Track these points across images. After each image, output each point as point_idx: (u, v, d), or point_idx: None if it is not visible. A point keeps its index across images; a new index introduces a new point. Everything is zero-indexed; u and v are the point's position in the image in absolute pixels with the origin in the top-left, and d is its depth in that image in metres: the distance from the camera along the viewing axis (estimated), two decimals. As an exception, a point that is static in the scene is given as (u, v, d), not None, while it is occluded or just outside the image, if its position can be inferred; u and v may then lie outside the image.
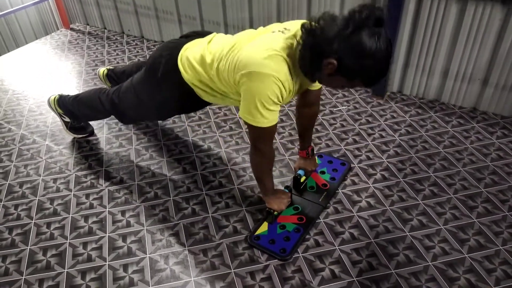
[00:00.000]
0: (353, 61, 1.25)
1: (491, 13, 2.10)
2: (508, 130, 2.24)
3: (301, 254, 1.61)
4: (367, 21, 1.21)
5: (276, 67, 1.35)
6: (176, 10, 3.13)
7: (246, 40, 1.49)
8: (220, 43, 1.59)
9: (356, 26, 1.21)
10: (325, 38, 1.26)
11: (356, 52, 1.23)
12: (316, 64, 1.32)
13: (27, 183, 2.01)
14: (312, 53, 1.31)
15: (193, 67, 1.60)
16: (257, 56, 1.36)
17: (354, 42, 1.22)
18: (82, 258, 1.63)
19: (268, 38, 1.43)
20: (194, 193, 1.91)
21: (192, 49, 1.64)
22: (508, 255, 1.58)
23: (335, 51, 1.25)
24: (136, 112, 1.94)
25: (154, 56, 1.73)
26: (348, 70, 1.28)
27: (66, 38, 3.53)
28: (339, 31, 1.24)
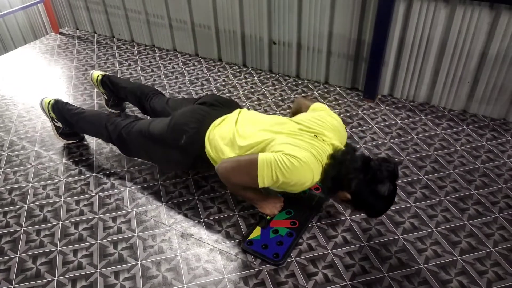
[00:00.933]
0: (365, 201, 1.50)
1: (479, 17, 2.12)
2: (498, 132, 2.26)
3: (294, 259, 1.61)
4: (385, 178, 1.44)
5: (317, 172, 1.54)
6: (166, 14, 3.12)
7: (287, 136, 1.59)
8: (250, 129, 1.68)
9: (374, 179, 1.45)
10: (345, 176, 1.49)
11: (369, 196, 1.47)
12: (333, 192, 1.57)
13: (16, 189, 1.98)
14: (332, 183, 1.54)
15: (220, 149, 1.67)
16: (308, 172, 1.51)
17: (370, 190, 1.46)
18: (73, 266, 1.61)
19: (313, 146, 1.55)
20: (186, 198, 1.90)
21: (220, 129, 1.73)
22: (499, 257, 1.59)
23: (352, 189, 1.48)
24: (143, 155, 1.99)
25: (180, 121, 1.78)
26: (358, 204, 1.53)
27: (56, 43, 3.50)
28: (359, 175, 1.46)
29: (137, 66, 3.07)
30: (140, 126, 1.89)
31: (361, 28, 2.46)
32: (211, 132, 1.73)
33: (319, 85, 2.78)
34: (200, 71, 2.99)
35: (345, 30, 2.50)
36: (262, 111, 2.51)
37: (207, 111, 1.82)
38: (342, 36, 2.53)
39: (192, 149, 1.75)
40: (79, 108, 2.14)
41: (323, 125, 1.63)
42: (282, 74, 2.91)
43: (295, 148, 1.51)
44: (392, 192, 1.47)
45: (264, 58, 2.90)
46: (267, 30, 2.76)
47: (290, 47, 2.75)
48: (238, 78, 2.89)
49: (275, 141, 1.56)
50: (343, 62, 2.64)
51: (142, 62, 3.13)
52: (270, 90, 2.73)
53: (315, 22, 2.57)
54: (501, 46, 2.14)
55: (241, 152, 1.62)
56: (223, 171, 1.59)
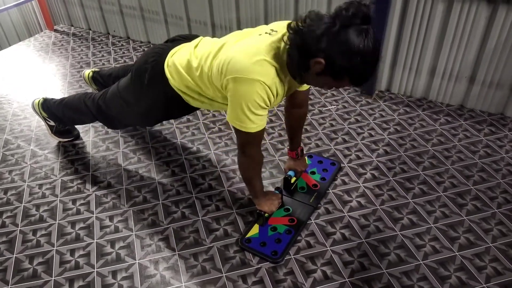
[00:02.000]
0: (340, 59, 1.23)
1: (477, 11, 2.11)
2: (495, 127, 2.26)
3: (292, 256, 1.60)
4: (354, 18, 1.19)
5: (263, 72, 1.34)
6: (162, 10, 3.10)
7: (232, 43, 1.47)
8: (206, 47, 1.56)
9: (343, 23, 1.19)
10: (312, 37, 1.24)
11: (343, 50, 1.21)
12: (303, 64, 1.30)
13: (12, 189, 1.96)
14: (299, 53, 1.29)
15: (179, 73, 1.57)
16: (243, 61, 1.35)
17: (342, 40, 1.20)
18: (70, 266, 1.59)
19: (255, 41, 1.41)
20: (183, 196, 1.89)
21: (178, 54, 1.62)
22: (498, 252, 1.59)
23: (323, 49, 1.23)
24: (122, 118, 1.90)
25: (140, 62, 1.70)
26: (335, 69, 1.26)
27: (50, 40, 3.47)
28: (326, 29, 1.21)
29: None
30: (111, 89, 1.85)
31: (358, 23, 2.44)
32: (169, 59, 1.61)
33: (316, 81, 2.76)
34: (197, 67, 2.96)
35: (342, 26, 2.49)
36: (259, 107, 2.50)
37: (167, 45, 1.69)
38: (339, 31, 2.52)
39: (156, 83, 1.63)
40: (61, 98, 2.11)
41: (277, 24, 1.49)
42: (279, 70, 2.89)
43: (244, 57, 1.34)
44: (371, 40, 1.21)
45: (261, 54, 2.88)
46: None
47: (287, 43, 2.74)
48: (234, 74, 2.86)
49: (226, 44, 1.46)
50: (340, 57, 2.62)
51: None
52: (267, 86, 2.71)
53: (311, 18, 2.55)
54: (498, 40, 2.13)
55: (195, 71, 1.52)
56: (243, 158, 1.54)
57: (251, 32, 1.52)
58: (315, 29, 1.24)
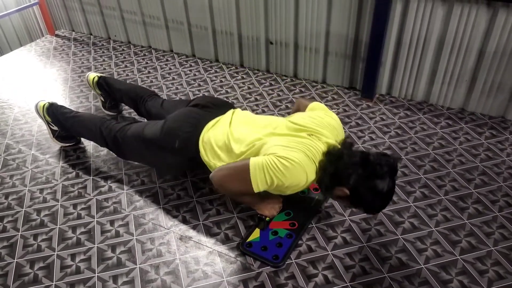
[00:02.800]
0: (363, 197, 1.45)
1: (477, 15, 2.11)
2: (496, 130, 2.26)
3: (294, 260, 1.60)
4: (385, 173, 1.41)
5: (312, 172, 1.51)
6: (163, 15, 3.11)
7: (280, 136, 1.58)
8: (244, 131, 1.66)
9: (373, 174, 1.41)
10: (344, 172, 1.45)
11: (368, 192, 1.43)
12: (331, 188, 1.52)
13: (13, 194, 1.97)
14: (330, 180, 1.50)
15: (215, 153, 1.66)
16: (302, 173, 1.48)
17: (369, 186, 1.42)
18: (71, 270, 1.59)
19: (307, 145, 1.52)
20: (184, 201, 1.89)
21: (214, 131, 1.71)
22: (500, 256, 1.58)
23: (351, 185, 1.44)
24: (138, 159, 2.00)
25: (173, 126, 1.76)
26: (355, 201, 1.48)
27: (51, 45, 3.48)
28: (358, 171, 1.43)
29: (134, 68, 3.05)
30: (134, 130, 1.87)
31: (358, 27, 2.45)
32: (205, 135, 1.71)
33: (316, 84, 2.77)
34: (197, 72, 2.98)
35: (342, 30, 2.49)
36: (259, 111, 2.50)
37: (200, 113, 1.80)
38: (340, 35, 2.52)
39: (186, 152, 1.74)
40: (73, 112, 2.12)
41: (319, 123, 1.62)
42: (280, 74, 2.90)
43: (286, 149, 1.49)
44: (391, 188, 1.44)
45: (261, 58, 2.89)
46: (264, 30, 2.75)
47: (287, 47, 2.74)
48: (235, 78, 2.87)
49: (268, 144, 1.54)
50: (340, 61, 2.63)
51: (138, 63, 3.12)
52: (268, 90, 2.72)
53: (312, 22, 2.56)
54: (499, 43, 2.14)
55: (236, 157, 1.61)
56: (217, 180, 1.56)
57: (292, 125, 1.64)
58: (348, 167, 1.45)
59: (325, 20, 2.50)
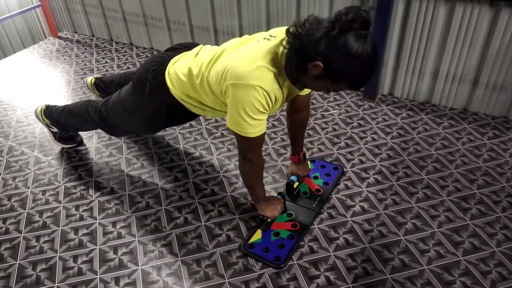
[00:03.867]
0: (339, 63, 1.23)
1: (479, 14, 2.10)
2: (499, 130, 2.25)
3: (295, 262, 1.59)
4: (353, 23, 1.19)
5: (261, 77, 1.34)
6: (165, 17, 3.11)
7: (231, 50, 1.48)
8: (206, 54, 1.57)
9: (342, 28, 1.20)
10: (310, 40, 1.25)
11: (342, 54, 1.21)
12: (302, 68, 1.30)
13: (16, 195, 1.97)
14: (298, 57, 1.30)
15: (180, 81, 1.58)
16: (241, 67, 1.35)
17: (340, 44, 1.20)
18: (73, 272, 1.59)
19: (253, 47, 1.42)
20: (186, 202, 1.89)
21: (179, 62, 1.63)
22: (503, 257, 1.57)
23: (321, 53, 1.24)
24: (125, 126, 1.91)
25: (141, 71, 1.71)
26: (334, 73, 1.26)
27: (54, 47, 3.49)
28: (325, 33, 1.22)
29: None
30: (113, 97, 1.86)
31: (360, 28, 2.44)
32: (170, 68, 1.62)
33: (318, 85, 2.76)
34: (199, 73, 2.97)
35: (344, 30, 2.49)
36: (261, 112, 2.50)
37: (166, 54, 1.71)
38: (341, 36, 2.52)
39: (159, 94, 1.64)
40: (64, 105, 2.12)
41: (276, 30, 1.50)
42: (282, 75, 2.89)
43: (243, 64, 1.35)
44: (370, 45, 1.21)
45: (263, 59, 2.88)
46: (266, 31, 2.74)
47: (289, 47, 2.74)
48: (237, 79, 2.87)
49: (225, 51, 1.46)
50: (342, 62, 2.62)
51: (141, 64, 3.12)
52: (270, 91, 2.72)
53: (313, 22, 2.55)
54: (501, 43, 2.13)
55: (195, 78, 1.52)
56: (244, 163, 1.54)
57: (249, 38, 1.53)
58: (314, 32, 1.24)
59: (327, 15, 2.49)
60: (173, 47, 1.78)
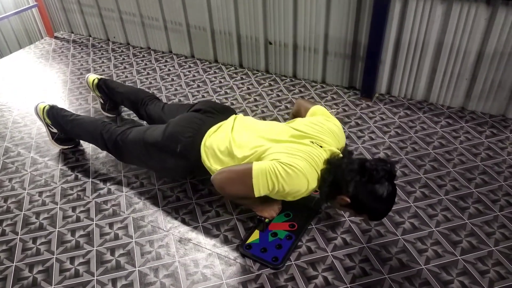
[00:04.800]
0: (364, 203, 1.45)
1: (476, 13, 2.10)
2: (497, 129, 2.24)
3: (293, 262, 1.59)
4: (381, 178, 1.41)
5: (314, 180, 1.51)
6: (161, 16, 3.10)
7: (280, 142, 1.59)
8: (245, 135, 1.67)
9: (371, 180, 1.41)
10: (343, 179, 1.45)
11: (368, 198, 1.43)
12: (331, 197, 1.53)
13: (12, 197, 1.96)
14: (329, 188, 1.50)
15: (217, 158, 1.66)
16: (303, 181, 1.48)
17: (368, 191, 1.42)
18: (70, 274, 1.59)
19: (311, 152, 1.53)
20: (183, 203, 1.88)
21: (216, 137, 1.71)
22: (501, 256, 1.57)
23: (350, 192, 1.44)
24: (138, 161, 1.97)
25: (175, 130, 1.76)
26: (358, 208, 1.48)
27: (51, 47, 3.48)
28: (356, 177, 1.43)
29: (133, 69, 3.05)
30: (135, 134, 1.86)
31: (357, 27, 2.44)
32: (207, 140, 1.71)
33: (316, 84, 2.76)
34: (196, 72, 2.97)
35: (341, 28, 2.48)
36: (259, 112, 2.49)
37: (202, 119, 1.79)
38: (338, 34, 2.51)
39: (188, 158, 1.73)
40: (74, 115, 2.11)
41: (321, 130, 1.61)
42: (279, 75, 2.89)
43: (290, 156, 1.48)
44: (391, 192, 1.44)
45: (261, 58, 2.88)
46: (263, 31, 2.74)
47: (286, 47, 2.74)
48: (234, 79, 2.87)
49: (271, 150, 1.54)
50: (340, 61, 2.62)
51: (137, 65, 3.11)
52: (267, 90, 2.72)
53: (310, 22, 2.55)
54: (498, 42, 2.12)
55: (239, 162, 1.60)
56: (219, 182, 1.55)
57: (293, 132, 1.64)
58: (346, 174, 1.45)
59: (324, 19, 2.49)
60: (206, 110, 1.85)
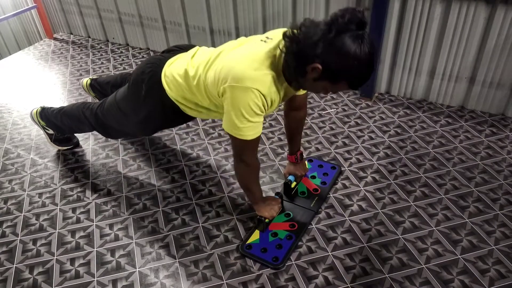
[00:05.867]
0: (337, 64, 1.25)
1: (475, 12, 2.10)
2: (497, 128, 2.24)
3: (294, 262, 1.59)
4: (349, 24, 1.21)
5: (259, 80, 1.34)
6: (160, 17, 3.10)
7: (228, 51, 1.47)
8: (203, 56, 1.56)
9: (339, 30, 1.21)
10: (308, 43, 1.25)
11: (340, 55, 1.22)
12: (300, 70, 1.31)
13: (12, 198, 1.96)
14: (296, 60, 1.30)
15: (177, 83, 1.58)
16: (239, 69, 1.35)
17: (338, 46, 1.21)
18: (70, 275, 1.59)
19: (250, 50, 1.42)
20: (183, 203, 1.88)
21: (175, 64, 1.62)
22: (501, 255, 1.57)
23: (319, 55, 1.24)
24: (120, 127, 1.90)
25: (137, 73, 1.70)
26: (333, 73, 1.27)
27: (50, 48, 3.48)
28: (322, 35, 1.23)
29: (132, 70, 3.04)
30: (109, 99, 1.85)
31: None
32: (167, 70, 1.61)
33: (315, 84, 2.75)
34: (196, 73, 2.96)
35: (340, 29, 2.48)
36: (258, 112, 2.49)
37: (162, 55, 1.70)
38: (338, 34, 2.51)
39: (154, 95, 1.64)
40: (60, 107, 2.11)
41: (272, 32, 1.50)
42: (278, 74, 2.88)
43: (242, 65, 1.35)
44: (366, 43, 1.22)
45: (260, 58, 2.88)
46: (262, 31, 2.74)
47: (286, 47, 2.73)
48: (234, 79, 2.86)
49: (222, 54, 1.46)
50: (339, 60, 2.62)
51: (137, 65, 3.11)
52: (267, 90, 2.71)
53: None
54: (497, 40, 2.12)
55: (192, 79, 1.52)
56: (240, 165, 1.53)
57: (246, 40, 1.52)
58: (311, 35, 1.25)
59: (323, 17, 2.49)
60: (170, 49, 1.77)
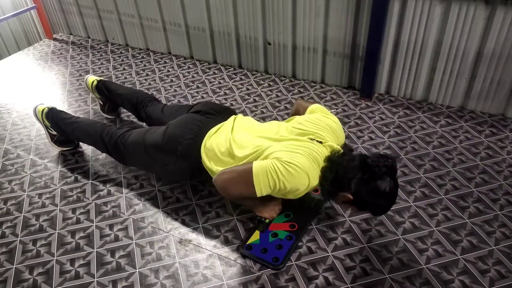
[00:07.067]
0: (367, 199, 1.47)
1: (475, 13, 2.10)
2: (496, 128, 2.25)
3: (294, 262, 1.59)
4: (384, 174, 1.42)
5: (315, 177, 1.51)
6: (160, 17, 3.10)
7: (280, 140, 1.59)
8: (247, 137, 1.66)
9: (373, 176, 1.42)
10: (345, 177, 1.46)
11: (371, 194, 1.44)
12: (333, 194, 1.53)
13: (12, 199, 1.96)
14: (332, 186, 1.51)
15: (218, 159, 1.66)
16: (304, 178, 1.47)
17: (371, 188, 1.43)
18: (70, 276, 1.58)
19: (311, 151, 1.52)
20: (183, 204, 1.88)
21: (216, 138, 1.70)
22: (501, 255, 1.57)
23: (353, 189, 1.45)
24: (139, 166, 1.99)
25: (175, 132, 1.75)
26: (361, 204, 1.49)
27: (49, 49, 3.48)
28: (357, 175, 1.44)
29: (132, 70, 3.05)
30: (135, 136, 1.86)
31: (356, 27, 2.44)
32: (207, 141, 1.71)
33: (315, 85, 2.76)
34: (195, 73, 2.97)
35: (340, 28, 2.48)
36: (259, 112, 2.49)
37: (202, 120, 1.79)
38: (338, 34, 2.51)
39: (189, 160, 1.73)
40: (73, 117, 2.11)
41: (320, 126, 1.61)
42: (278, 75, 2.89)
43: (290, 153, 1.48)
44: (393, 187, 1.44)
45: (260, 59, 2.88)
46: (262, 31, 2.74)
47: (285, 47, 2.74)
48: (233, 80, 2.87)
49: (271, 148, 1.54)
50: (339, 61, 2.62)
51: (136, 66, 3.11)
52: (266, 91, 2.71)
53: (309, 22, 2.55)
54: (497, 41, 2.13)
55: (239, 161, 1.60)
56: (220, 183, 1.55)
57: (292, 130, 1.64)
58: (348, 171, 1.46)
59: (323, 19, 2.50)
60: (207, 111, 1.84)
